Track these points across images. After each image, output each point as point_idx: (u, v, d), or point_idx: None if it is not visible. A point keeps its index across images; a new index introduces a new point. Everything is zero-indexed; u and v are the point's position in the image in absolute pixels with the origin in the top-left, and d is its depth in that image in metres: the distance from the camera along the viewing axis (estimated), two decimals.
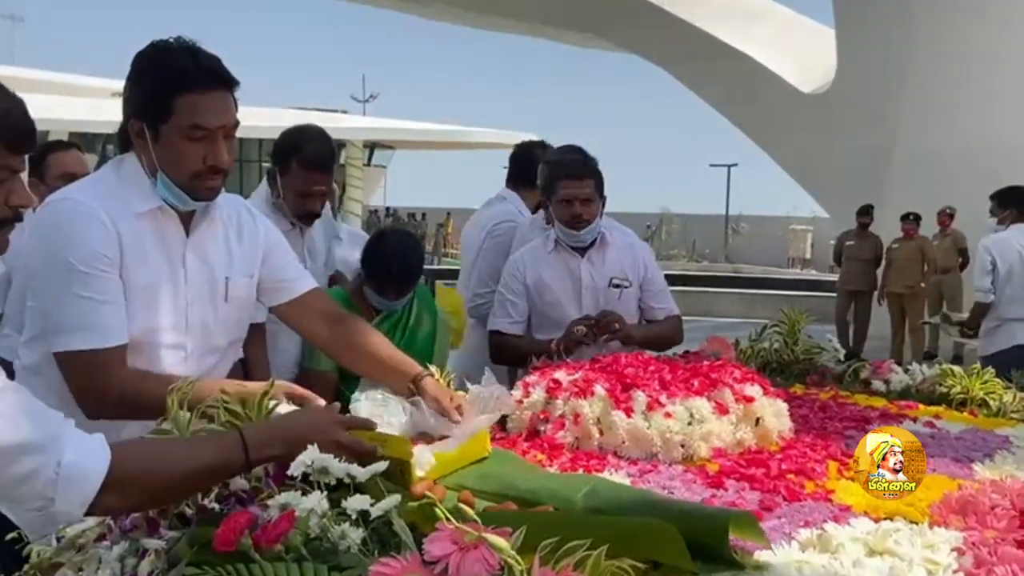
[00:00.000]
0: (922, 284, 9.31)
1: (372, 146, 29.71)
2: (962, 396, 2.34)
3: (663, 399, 1.83)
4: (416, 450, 1.48)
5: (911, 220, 9.29)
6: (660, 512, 1.24)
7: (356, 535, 1.12)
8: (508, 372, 2.96)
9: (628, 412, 1.80)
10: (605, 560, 1.01)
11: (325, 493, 1.18)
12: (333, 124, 19.05)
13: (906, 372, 2.53)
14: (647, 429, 1.77)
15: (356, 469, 1.24)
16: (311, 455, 1.24)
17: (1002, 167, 8.15)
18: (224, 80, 1.70)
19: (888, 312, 9.61)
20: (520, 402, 1.96)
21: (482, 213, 3.63)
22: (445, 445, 1.62)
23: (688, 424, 1.79)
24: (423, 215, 29.51)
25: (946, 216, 9.55)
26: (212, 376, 1.76)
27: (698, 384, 1.90)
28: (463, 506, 1.13)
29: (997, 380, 2.38)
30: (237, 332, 1.89)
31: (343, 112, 31.38)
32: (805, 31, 14.49)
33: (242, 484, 1.31)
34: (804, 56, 13.29)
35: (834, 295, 10.33)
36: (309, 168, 2.62)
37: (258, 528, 1.12)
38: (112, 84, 21.95)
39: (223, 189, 1.79)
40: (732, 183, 31.32)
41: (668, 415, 1.79)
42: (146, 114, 1.68)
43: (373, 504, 1.14)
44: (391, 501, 1.14)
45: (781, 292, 13.00)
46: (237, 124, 1.72)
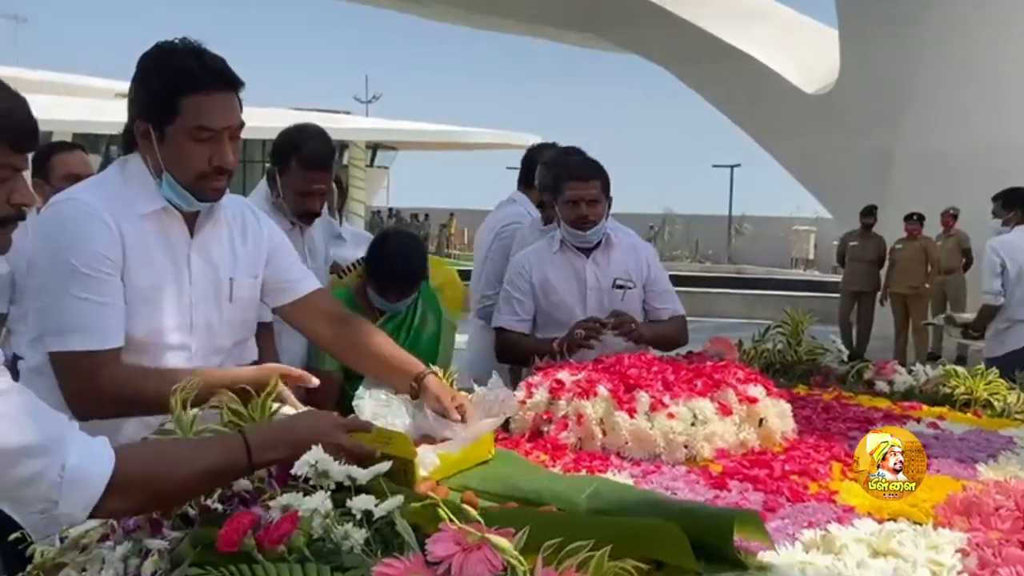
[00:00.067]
0: (927, 285, 9.30)
1: (375, 147, 29.72)
2: (966, 397, 2.33)
3: (666, 400, 1.83)
4: (420, 450, 1.48)
5: (915, 220, 9.28)
6: (664, 512, 1.24)
7: (359, 535, 1.12)
8: (510, 372, 2.97)
9: (631, 413, 1.79)
10: (608, 561, 1.01)
11: (328, 493, 1.18)
12: (336, 125, 19.05)
13: (910, 373, 2.53)
14: (650, 430, 1.77)
15: (357, 471, 1.24)
16: (315, 455, 1.24)
17: (1006, 167, 8.13)
18: (229, 81, 1.70)
19: (891, 313, 9.60)
20: (523, 402, 1.96)
21: (493, 215, 3.67)
22: (448, 446, 1.62)
23: (691, 425, 1.79)
24: (426, 216, 29.57)
25: (950, 217, 9.54)
26: None
27: (701, 385, 1.89)
28: (466, 507, 1.13)
29: (1001, 381, 2.37)
30: (242, 333, 1.89)
31: (346, 113, 31.36)
32: (807, 31, 14.46)
33: (245, 484, 1.31)
34: (807, 56, 13.26)
35: (837, 296, 10.32)
36: (308, 167, 2.62)
37: (261, 528, 1.12)
38: (115, 85, 21.98)
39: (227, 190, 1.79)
40: (735, 184, 31.29)
41: (671, 416, 1.78)
42: (151, 115, 1.69)
43: (377, 504, 1.15)
44: (394, 502, 1.14)
45: (784, 293, 12.98)
46: (242, 125, 1.73)
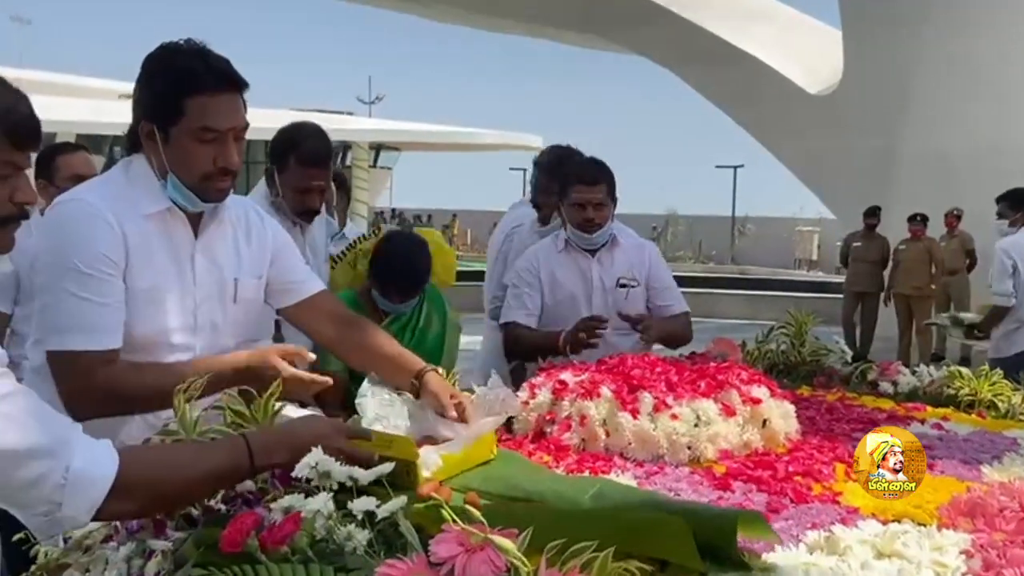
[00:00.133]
0: (932, 286, 9.28)
1: (378, 148, 29.72)
2: (970, 398, 2.33)
3: (670, 401, 1.82)
4: (423, 451, 1.48)
5: (918, 221, 9.27)
6: (667, 512, 1.24)
7: (362, 536, 1.12)
8: (511, 373, 2.97)
9: (634, 414, 1.79)
10: (612, 562, 1.01)
11: (331, 494, 1.18)
12: (339, 126, 19.07)
13: (913, 374, 2.52)
14: (653, 431, 1.76)
15: (359, 472, 1.24)
16: (315, 457, 1.25)
17: (1010, 168, 8.11)
18: (234, 82, 1.71)
19: (895, 314, 9.58)
20: (526, 403, 1.96)
21: (505, 217, 3.75)
22: (450, 446, 1.62)
23: (695, 426, 1.78)
24: (429, 216, 29.56)
25: (953, 217, 9.52)
26: None
27: (705, 386, 1.89)
28: (469, 507, 1.13)
29: (1005, 382, 2.37)
30: (246, 333, 1.90)
31: (349, 114, 31.38)
32: (810, 31, 14.44)
33: (248, 485, 1.31)
34: (810, 56, 13.25)
35: (841, 296, 10.31)
36: (307, 163, 2.63)
37: (264, 529, 1.12)
38: (119, 86, 21.96)
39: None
40: (738, 184, 31.26)
41: (675, 417, 1.78)
42: (156, 116, 1.69)
43: (379, 505, 1.15)
44: (397, 502, 1.14)
45: (787, 293, 12.97)
46: (247, 126, 1.73)
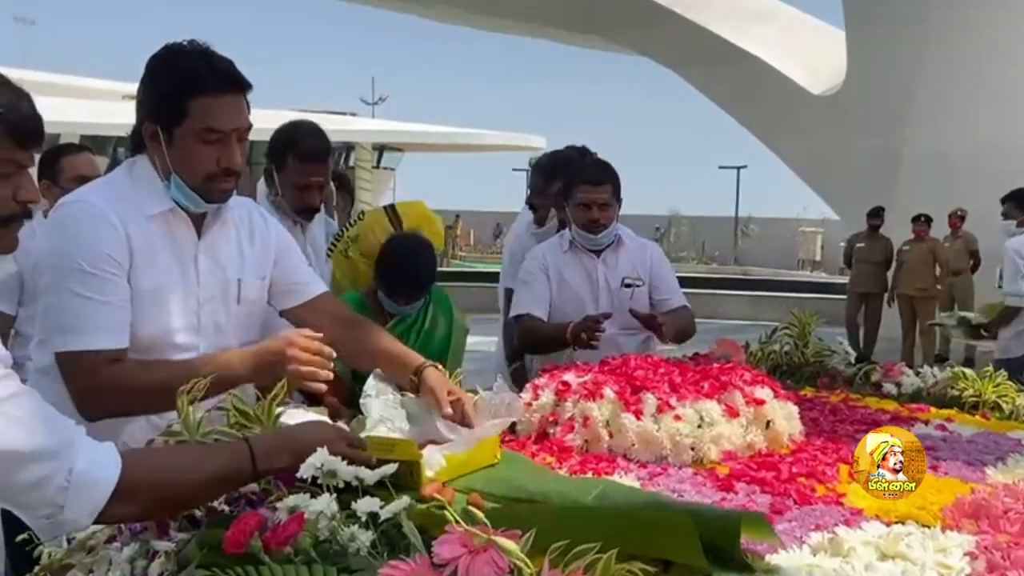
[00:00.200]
0: (938, 287, 9.27)
1: (381, 148, 29.74)
2: (974, 399, 2.32)
3: (673, 402, 1.82)
4: (426, 451, 1.48)
5: (922, 222, 9.26)
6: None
7: (365, 537, 1.12)
8: (512, 374, 2.97)
9: (638, 415, 1.79)
10: (616, 563, 1.00)
11: (334, 495, 1.18)
12: (342, 127, 19.11)
13: (917, 375, 2.51)
14: (657, 432, 1.76)
15: (365, 471, 1.24)
16: (320, 457, 1.25)
17: (1013, 168, 8.09)
18: (237, 83, 1.71)
19: (899, 315, 9.57)
20: (529, 404, 1.95)
21: (520, 217, 3.75)
22: (453, 447, 1.62)
23: (698, 427, 1.78)
24: None
25: (957, 218, 9.51)
26: None
27: (708, 387, 1.89)
28: (472, 508, 1.13)
29: (1009, 383, 2.36)
30: (249, 334, 1.89)
31: (352, 115, 31.42)
32: (813, 31, 14.43)
33: (252, 486, 1.31)
34: (813, 57, 13.23)
35: (844, 297, 10.30)
36: (305, 160, 2.64)
37: (268, 530, 1.12)
38: (122, 87, 22.04)
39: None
40: (741, 185, 31.27)
41: (678, 418, 1.78)
42: (160, 117, 1.69)
43: (383, 506, 1.15)
44: (401, 503, 1.14)
45: (791, 294, 12.97)
46: (250, 127, 1.73)
